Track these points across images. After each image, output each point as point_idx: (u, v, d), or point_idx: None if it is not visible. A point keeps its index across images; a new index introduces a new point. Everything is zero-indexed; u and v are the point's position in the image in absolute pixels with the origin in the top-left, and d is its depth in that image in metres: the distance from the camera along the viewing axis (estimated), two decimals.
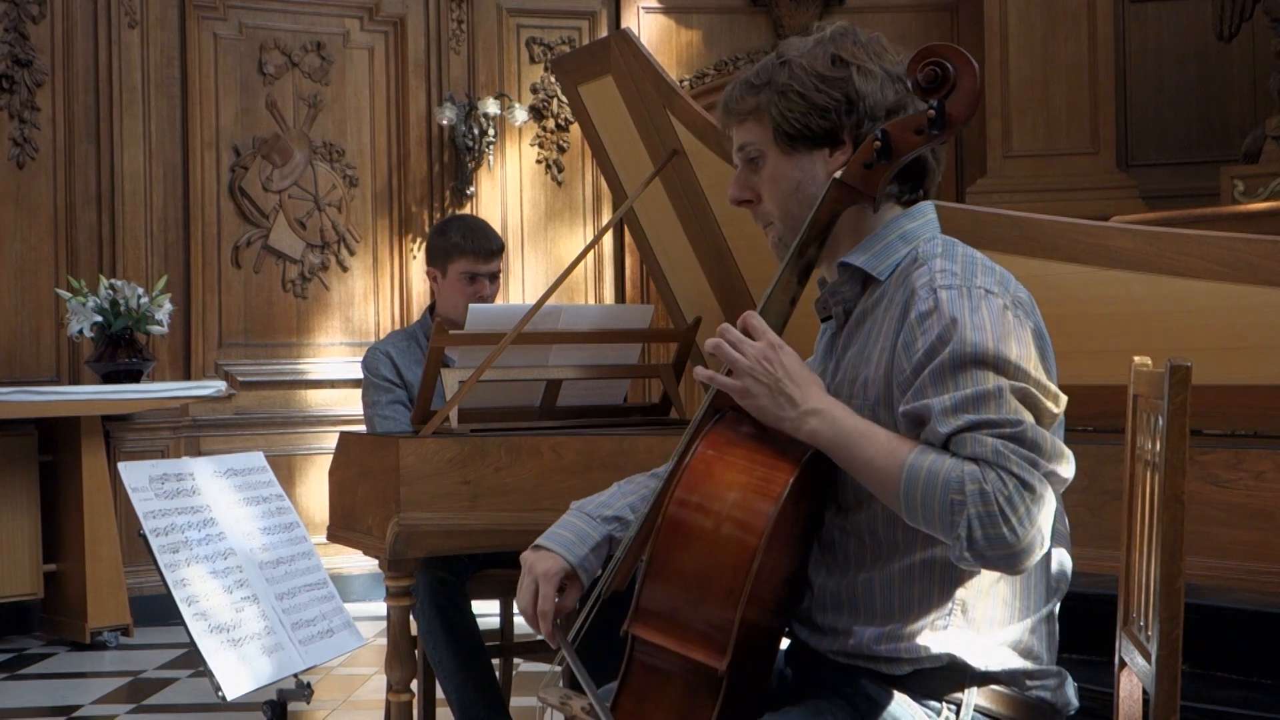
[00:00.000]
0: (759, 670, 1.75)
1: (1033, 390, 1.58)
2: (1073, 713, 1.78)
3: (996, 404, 1.55)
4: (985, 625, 1.69)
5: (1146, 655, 1.72)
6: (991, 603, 1.69)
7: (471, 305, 3.28)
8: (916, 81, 1.69)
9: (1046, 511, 1.53)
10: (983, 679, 1.70)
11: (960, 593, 1.69)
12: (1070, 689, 1.77)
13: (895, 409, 1.65)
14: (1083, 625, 2.59)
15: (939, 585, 1.69)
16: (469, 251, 3.57)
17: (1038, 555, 1.54)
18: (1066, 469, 1.56)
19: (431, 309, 3.73)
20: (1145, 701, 1.76)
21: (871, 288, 1.76)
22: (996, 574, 1.68)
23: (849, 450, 1.62)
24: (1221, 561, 2.11)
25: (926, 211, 1.80)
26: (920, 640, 1.69)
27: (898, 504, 1.59)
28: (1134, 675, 1.85)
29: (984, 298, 1.62)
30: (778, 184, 1.79)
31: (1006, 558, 1.52)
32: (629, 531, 1.83)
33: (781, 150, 1.78)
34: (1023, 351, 1.60)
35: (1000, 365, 1.57)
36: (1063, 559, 1.79)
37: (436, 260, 3.63)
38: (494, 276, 3.63)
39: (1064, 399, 1.64)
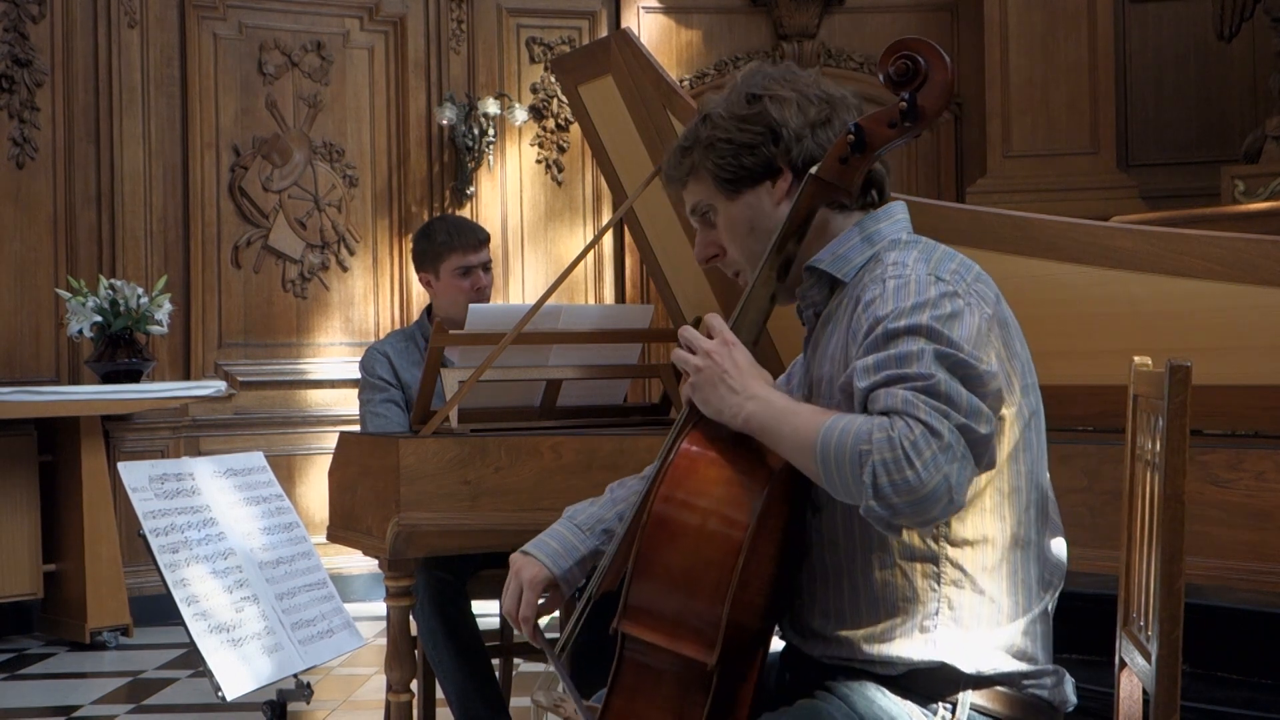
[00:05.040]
0: (750, 666, 1.75)
1: (963, 359, 1.56)
2: (1070, 710, 1.78)
3: (917, 362, 1.55)
4: (974, 624, 1.69)
5: (1147, 655, 1.72)
6: (978, 600, 1.69)
7: (471, 305, 3.28)
8: (888, 75, 1.71)
9: (960, 466, 1.51)
10: (977, 683, 1.70)
11: (945, 590, 1.68)
12: (1068, 686, 1.77)
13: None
14: (1083, 625, 2.60)
15: (921, 582, 1.69)
16: (457, 247, 3.57)
17: (945, 505, 1.51)
18: (983, 426, 1.54)
19: (429, 311, 3.73)
20: (1145, 701, 1.76)
21: (839, 290, 1.78)
22: (980, 566, 1.68)
23: (778, 428, 1.63)
24: (1222, 561, 2.11)
25: (895, 212, 1.81)
26: (909, 642, 1.69)
27: (818, 471, 1.58)
28: (1134, 675, 1.85)
29: (931, 284, 1.63)
30: (733, 228, 1.83)
31: (912, 504, 1.50)
32: (617, 532, 1.83)
33: (727, 197, 1.82)
34: (963, 333, 1.59)
35: (931, 334, 1.57)
36: (1057, 549, 1.78)
37: (427, 264, 3.62)
38: (487, 266, 3.62)
39: (1000, 378, 1.61)
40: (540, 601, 1.91)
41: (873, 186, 1.81)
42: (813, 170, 1.74)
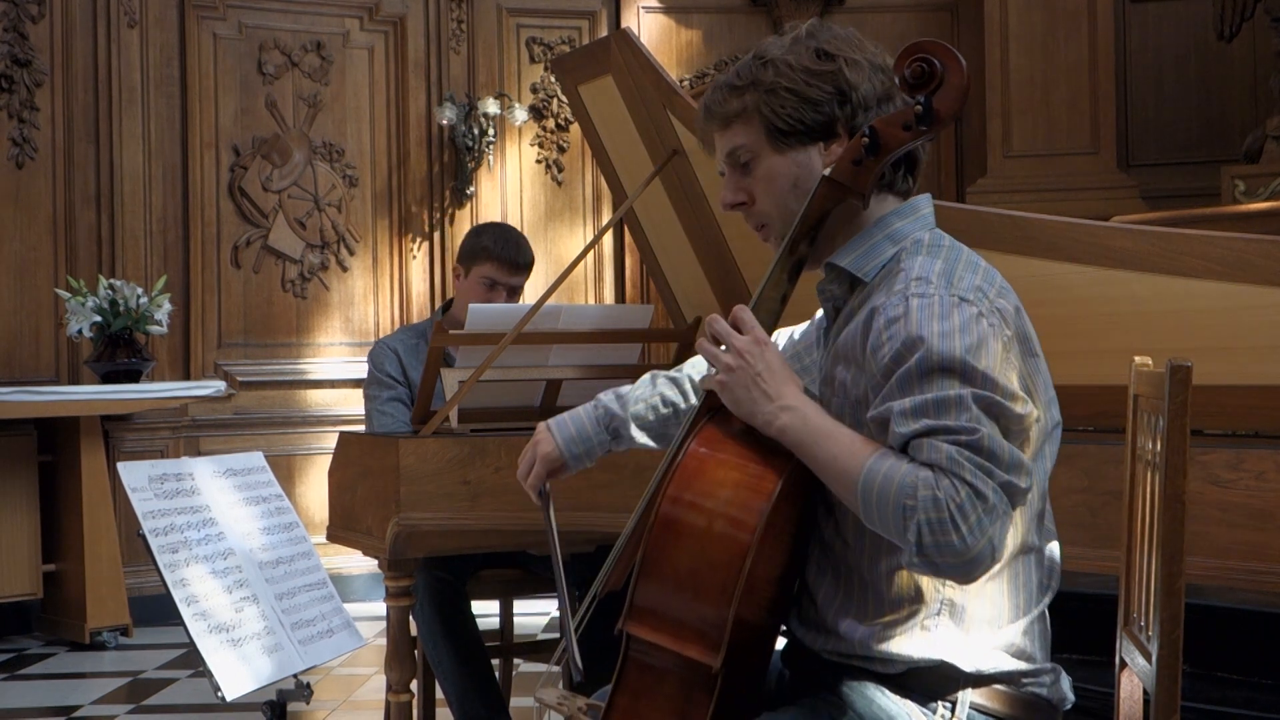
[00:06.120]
0: (754, 668, 1.75)
1: (998, 400, 1.56)
2: (1069, 707, 1.78)
3: (957, 411, 1.54)
4: (975, 625, 1.69)
5: (1147, 655, 1.72)
6: (980, 602, 1.69)
7: (471, 305, 3.28)
8: (904, 77, 1.69)
9: (1001, 523, 1.52)
10: (976, 681, 1.70)
11: (948, 591, 1.68)
12: (1065, 684, 1.77)
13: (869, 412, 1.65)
14: (1083, 625, 2.60)
15: (925, 583, 1.69)
16: (495, 257, 3.55)
17: (988, 566, 1.53)
18: (1024, 480, 1.55)
19: (446, 307, 3.73)
20: (1146, 701, 1.76)
21: (859, 288, 1.76)
22: (985, 574, 1.68)
23: (815, 448, 1.62)
24: (1222, 561, 2.11)
25: (921, 207, 1.78)
26: (911, 640, 1.69)
27: (856, 505, 1.58)
28: (1134, 675, 1.85)
29: (956, 306, 1.60)
30: (773, 182, 1.77)
31: (955, 566, 1.51)
32: (624, 530, 1.83)
33: (775, 148, 1.76)
34: (991, 362, 1.58)
35: (967, 374, 1.56)
36: (1053, 553, 1.78)
37: (464, 259, 3.63)
38: (514, 290, 3.58)
39: (1034, 410, 1.62)
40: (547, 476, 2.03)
41: (910, 174, 1.79)
42: (825, 172, 1.71)
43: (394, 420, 3.49)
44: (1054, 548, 1.79)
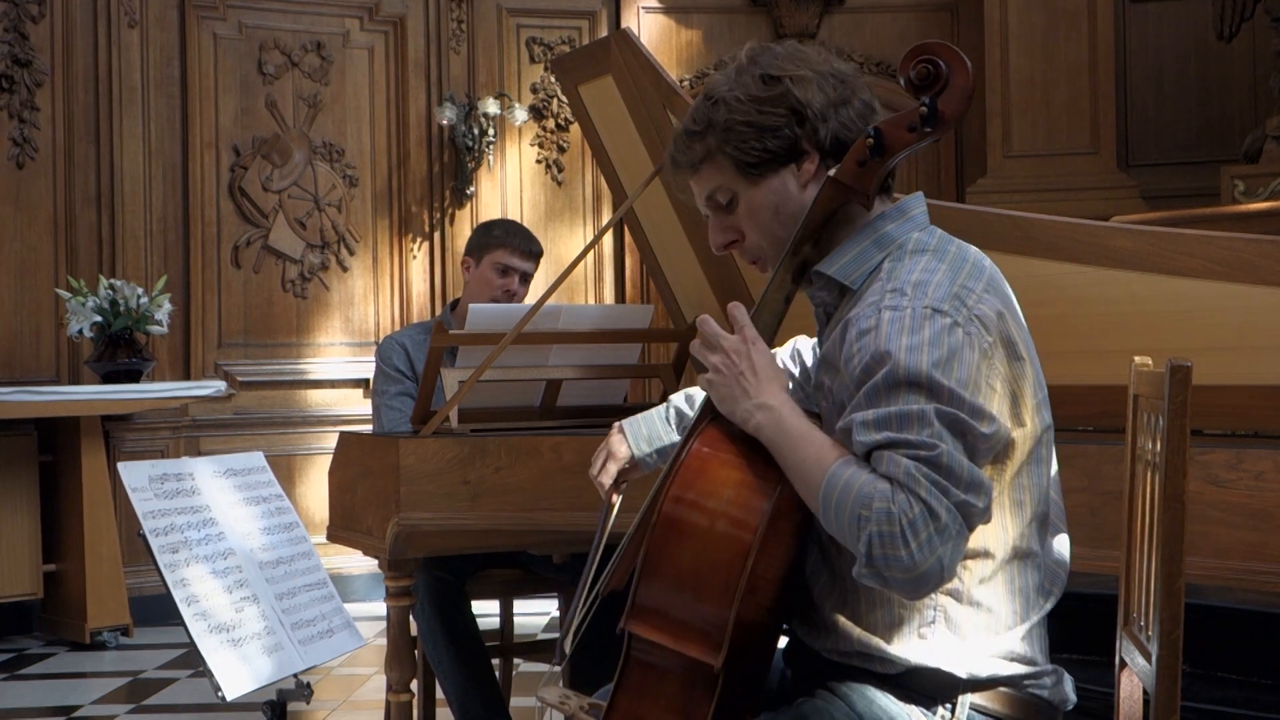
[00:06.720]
0: (756, 667, 1.75)
1: (963, 417, 1.55)
2: (1070, 708, 1.78)
3: (919, 425, 1.54)
4: (971, 632, 1.69)
5: (1147, 655, 1.72)
6: (975, 610, 1.69)
7: (471, 305, 3.29)
8: (909, 79, 1.68)
9: (954, 543, 1.52)
10: (975, 686, 1.70)
11: (941, 599, 1.68)
12: (1067, 685, 1.77)
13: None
14: (1083, 625, 2.60)
15: None
16: (508, 244, 3.63)
17: (936, 584, 1.53)
18: (981, 500, 1.54)
19: (454, 306, 3.75)
20: (1146, 702, 1.76)
21: (848, 295, 1.75)
22: (977, 580, 1.68)
23: (786, 450, 1.63)
24: (1221, 561, 2.11)
25: (909, 209, 1.76)
26: (908, 644, 1.69)
27: (818, 511, 1.59)
28: (1134, 675, 1.85)
29: (928, 318, 1.59)
30: (756, 215, 1.77)
31: (902, 581, 1.52)
32: (628, 530, 1.83)
33: (749, 182, 1.76)
34: (964, 374, 1.57)
35: (933, 389, 1.55)
36: (1060, 555, 1.78)
37: (474, 251, 3.69)
38: (526, 277, 3.66)
39: (1003, 427, 1.61)
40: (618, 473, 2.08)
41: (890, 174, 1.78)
42: (830, 173, 1.70)
43: (402, 414, 3.50)
44: (1061, 550, 1.78)
